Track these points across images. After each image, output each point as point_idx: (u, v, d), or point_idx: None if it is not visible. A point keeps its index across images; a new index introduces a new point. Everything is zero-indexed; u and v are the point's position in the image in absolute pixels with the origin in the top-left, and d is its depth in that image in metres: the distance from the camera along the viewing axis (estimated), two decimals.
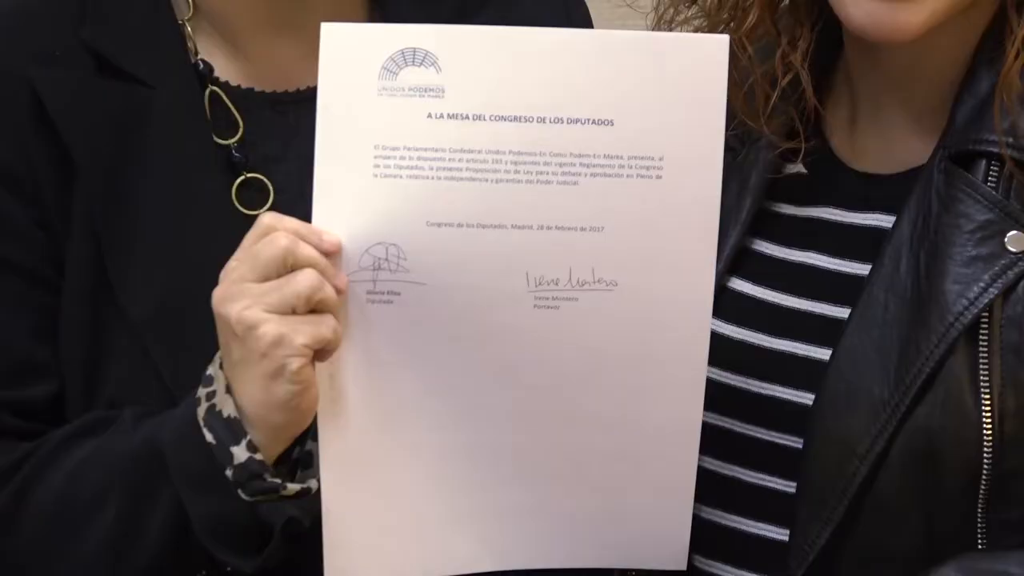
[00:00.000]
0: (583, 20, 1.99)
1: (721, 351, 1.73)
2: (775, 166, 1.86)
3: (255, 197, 1.80)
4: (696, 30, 1.84)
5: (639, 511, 1.73)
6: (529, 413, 1.68)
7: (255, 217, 1.64)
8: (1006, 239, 1.68)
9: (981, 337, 1.68)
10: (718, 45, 1.64)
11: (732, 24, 1.82)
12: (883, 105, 1.83)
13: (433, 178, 1.61)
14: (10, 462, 1.72)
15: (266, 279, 1.58)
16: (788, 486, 1.75)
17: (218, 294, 1.59)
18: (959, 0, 1.71)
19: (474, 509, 1.71)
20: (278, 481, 1.62)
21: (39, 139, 1.76)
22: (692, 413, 1.69)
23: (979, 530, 1.69)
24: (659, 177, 1.62)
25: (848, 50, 1.84)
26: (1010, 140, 1.69)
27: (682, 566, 1.76)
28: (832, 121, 1.87)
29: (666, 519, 1.73)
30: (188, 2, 1.84)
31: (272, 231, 1.58)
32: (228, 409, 1.60)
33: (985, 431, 1.67)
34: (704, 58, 1.63)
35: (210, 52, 1.85)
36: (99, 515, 1.68)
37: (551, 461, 1.71)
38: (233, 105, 1.83)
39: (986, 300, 1.67)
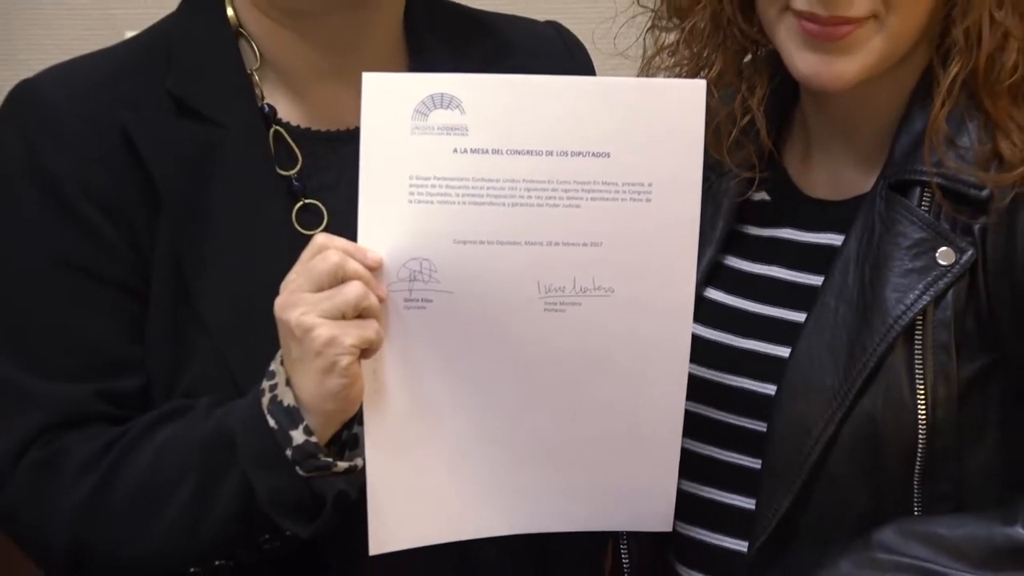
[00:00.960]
0: (586, 68, 2.00)
1: (699, 349, 1.73)
2: (742, 193, 1.88)
3: (311, 220, 1.80)
4: (676, 76, 1.86)
5: (632, 483, 1.75)
6: (539, 401, 1.70)
7: (310, 237, 1.64)
8: (937, 254, 1.70)
9: (916, 337, 1.70)
10: (696, 88, 1.66)
11: (701, 73, 1.84)
12: (832, 142, 1.85)
13: (459, 203, 1.62)
14: (103, 443, 1.72)
15: (320, 289, 1.59)
16: (754, 463, 1.78)
17: (280, 302, 1.61)
18: (889, 56, 1.74)
19: (492, 483, 1.72)
20: (330, 460, 1.63)
21: (130, 172, 1.76)
22: (676, 401, 1.71)
23: (915, 501, 1.72)
24: (648, 200, 1.64)
25: (802, 96, 1.86)
26: (939, 172, 1.71)
27: (668, 528, 1.78)
28: (790, 155, 1.89)
29: (655, 490, 1.75)
30: (256, 55, 1.84)
31: (325, 249, 1.60)
32: (288, 399, 1.62)
33: (920, 417, 1.70)
34: (685, 99, 1.65)
35: (274, 97, 1.85)
36: (178, 489, 1.68)
37: (557, 442, 1.72)
38: (293, 142, 1.83)
39: (920, 305, 1.70)
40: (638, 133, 1.64)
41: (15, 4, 2.68)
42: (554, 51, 1.99)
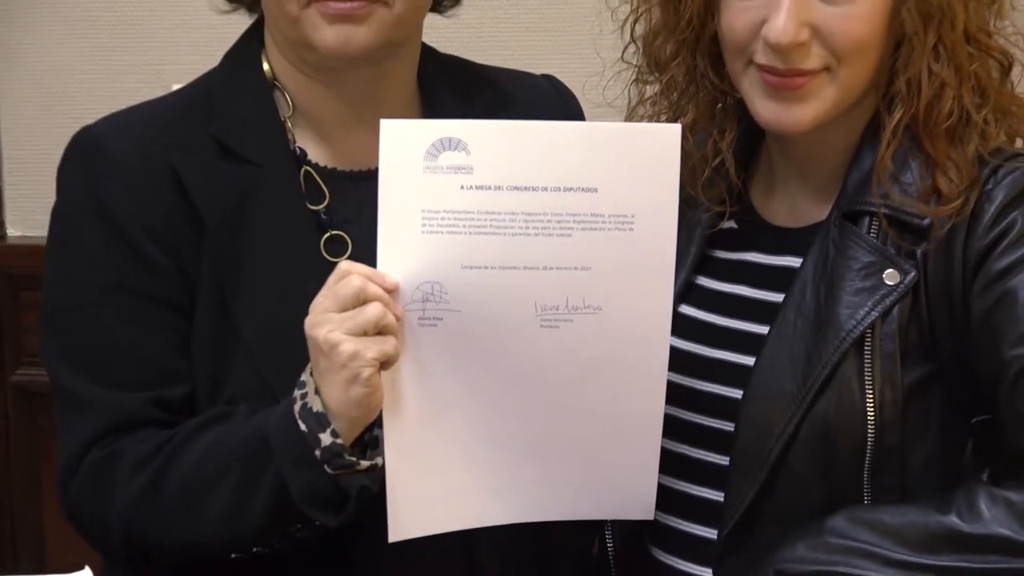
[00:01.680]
0: (577, 115, 2.00)
1: (674, 359, 1.74)
2: (713, 223, 1.88)
3: (337, 248, 1.81)
4: (656, 122, 1.86)
5: (618, 477, 1.76)
6: (536, 406, 1.70)
7: (336, 264, 1.65)
8: (884, 275, 1.72)
9: (866, 348, 1.72)
10: (673, 133, 1.66)
11: (678, 120, 1.83)
12: (792, 177, 1.86)
13: (466, 233, 1.63)
14: (155, 445, 1.73)
15: (344, 309, 1.60)
16: (723, 460, 1.79)
17: (309, 321, 1.62)
18: (840, 103, 1.75)
19: (496, 478, 1.73)
20: (353, 459, 1.64)
21: (179, 206, 1.78)
22: (656, 405, 1.72)
23: (865, 491, 1.73)
24: (631, 230, 1.65)
25: (767, 138, 1.87)
26: (885, 204, 1.73)
27: (650, 517, 1.79)
28: (755, 189, 1.90)
29: (638, 483, 1.76)
30: (288, 104, 1.85)
31: (349, 274, 1.61)
32: (316, 406, 1.63)
33: (869, 418, 1.71)
34: (663, 142, 1.66)
35: (304, 141, 1.85)
36: (221, 486, 1.69)
37: (552, 442, 1.73)
38: (321, 180, 1.84)
39: (869, 320, 1.71)
40: (622, 171, 1.65)
41: (77, 63, 2.70)
42: (549, 101, 1.99)
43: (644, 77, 1.89)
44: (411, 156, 1.62)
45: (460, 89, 1.92)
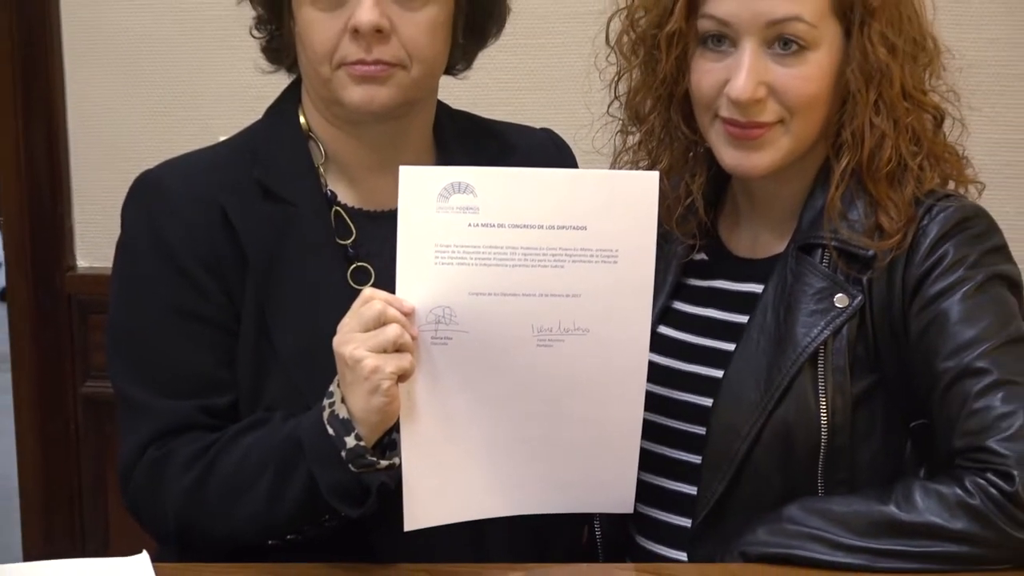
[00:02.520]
0: (570, 162, 2.01)
1: (654, 372, 1.75)
2: (686, 254, 1.88)
3: (361, 277, 1.81)
4: (637, 168, 1.87)
5: (602, 476, 1.76)
6: (532, 414, 1.70)
7: (360, 291, 1.66)
8: (835, 299, 1.73)
9: (819, 362, 1.73)
10: (651, 178, 1.67)
11: (656, 166, 1.84)
12: (754, 215, 1.86)
13: (473, 265, 1.63)
14: (202, 446, 1.74)
15: (367, 330, 1.61)
16: (695, 459, 1.79)
17: (336, 340, 1.63)
18: (794, 151, 1.76)
19: (497, 476, 1.73)
20: (374, 459, 1.65)
21: (226, 241, 1.78)
22: (636, 413, 1.73)
23: (819, 485, 1.74)
24: (615, 262, 1.65)
25: (732, 181, 1.88)
26: (835, 238, 1.74)
27: (629, 511, 1.79)
28: (723, 224, 1.90)
29: (620, 480, 1.76)
30: (321, 152, 1.85)
31: (371, 299, 1.62)
32: (343, 413, 1.64)
33: (822, 422, 1.72)
34: (643, 186, 1.66)
35: (335, 184, 1.85)
36: (260, 482, 1.70)
37: (546, 445, 1.72)
38: (349, 219, 1.84)
39: (822, 338, 1.73)
40: (608, 211, 1.65)
41: (137, 118, 2.71)
42: (546, 150, 1.99)
43: (627, 128, 1.89)
44: (426, 198, 1.62)
45: (469, 140, 1.92)
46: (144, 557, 1.68)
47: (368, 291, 1.65)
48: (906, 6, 1.78)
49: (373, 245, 1.82)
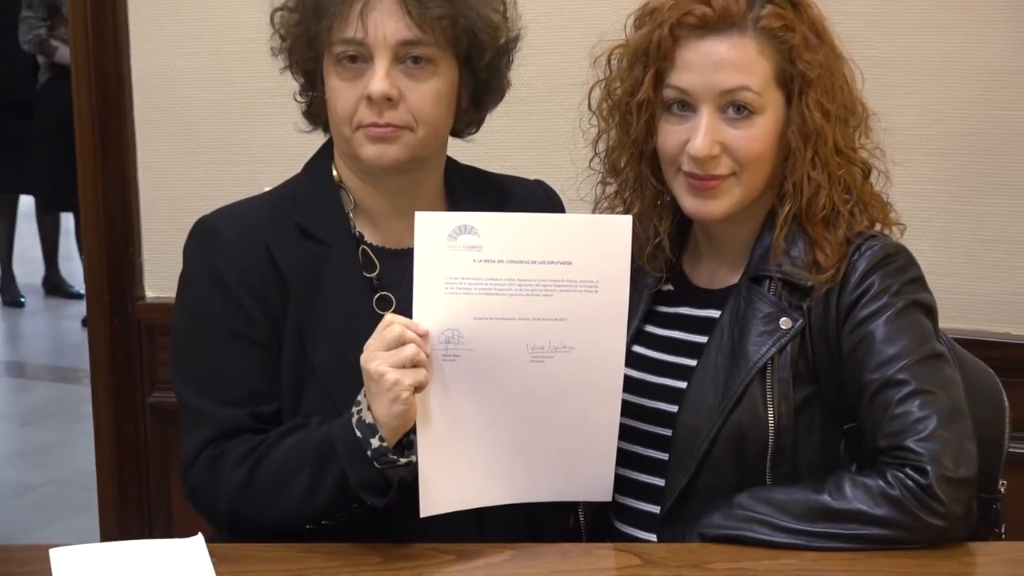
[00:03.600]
0: (559, 208, 2.00)
1: (628, 384, 1.75)
2: (656, 285, 1.89)
3: (384, 305, 1.80)
4: (614, 213, 1.87)
5: (585, 470, 1.76)
6: (526, 418, 1.71)
7: (383, 316, 1.66)
8: (780, 322, 1.75)
9: (767, 374, 1.74)
10: (626, 221, 1.67)
11: (630, 211, 1.85)
12: (713, 252, 1.87)
13: (476, 294, 1.64)
14: (251, 447, 1.74)
15: (389, 349, 1.62)
16: (663, 456, 1.79)
17: (363, 357, 1.63)
18: (745, 199, 1.77)
19: (497, 471, 1.73)
20: (395, 457, 1.65)
21: (271, 274, 1.79)
22: (613, 417, 1.73)
23: (767, 478, 1.75)
24: (596, 292, 1.66)
25: (694, 224, 1.88)
26: (780, 271, 1.75)
27: (608, 499, 1.79)
28: (686, 260, 1.90)
29: (600, 474, 1.76)
30: (351, 200, 1.85)
31: (392, 323, 1.62)
32: (368, 419, 1.64)
33: (770, 425, 1.74)
34: (618, 228, 1.67)
35: (362, 227, 1.85)
36: (300, 475, 1.70)
37: (537, 444, 1.73)
38: (374, 256, 1.84)
39: (769, 354, 1.74)
40: (589, 249, 1.66)
41: (195, 172, 2.72)
42: (538, 198, 1.99)
43: (605, 180, 1.89)
44: (437, 238, 1.63)
45: (475, 189, 1.92)
46: (199, 538, 1.68)
47: (390, 316, 1.65)
48: (838, 77, 1.78)
49: (394, 277, 1.82)
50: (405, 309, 1.67)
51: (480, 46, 1.80)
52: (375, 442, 1.65)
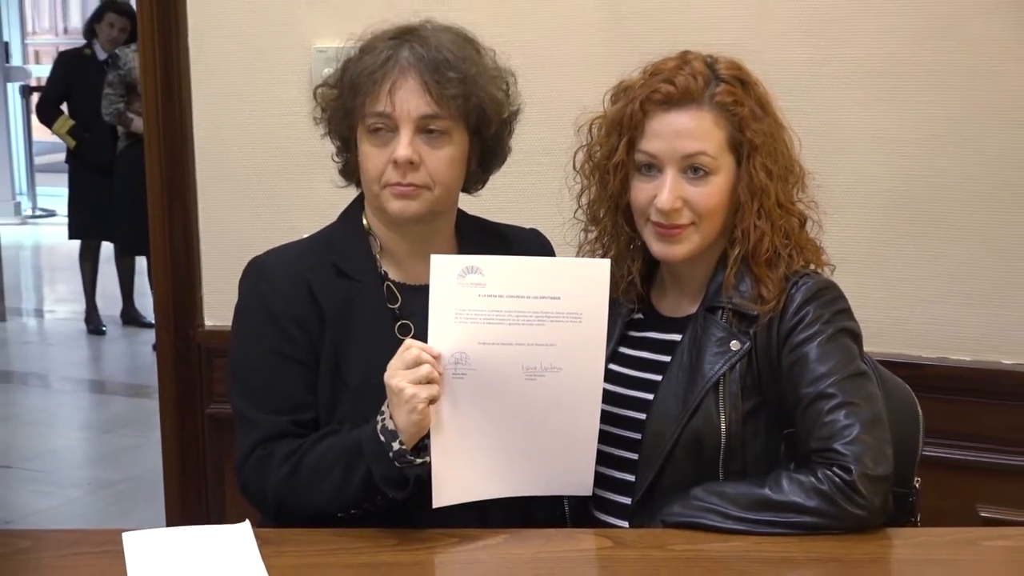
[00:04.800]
0: (550, 251, 1.99)
1: (606, 396, 1.72)
2: (629, 314, 1.88)
3: (405, 331, 1.80)
4: (595, 256, 1.87)
5: (569, 469, 1.75)
6: (521, 426, 1.70)
7: (403, 340, 1.67)
8: (730, 344, 1.75)
9: (720, 388, 1.74)
10: (605, 264, 1.68)
11: (608, 254, 1.85)
12: (675, 287, 1.87)
13: (481, 323, 1.64)
14: (293, 448, 1.74)
15: (408, 368, 1.62)
16: (634, 456, 1.79)
17: (386, 375, 1.64)
18: (702, 244, 1.77)
19: (496, 469, 1.72)
20: (412, 458, 1.66)
21: (311, 306, 1.79)
22: (594, 424, 1.72)
23: (720, 475, 1.74)
24: (580, 322, 1.65)
25: (661, 264, 1.87)
26: (731, 303, 1.76)
27: (589, 493, 1.78)
28: (654, 294, 1.90)
29: (582, 472, 1.75)
30: (378, 244, 1.85)
31: (411, 347, 1.63)
32: (390, 426, 1.65)
33: (722, 431, 1.74)
34: (599, 269, 1.67)
35: (387, 266, 1.85)
36: (333, 472, 1.70)
37: (531, 448, 1.72)
38: (396, 291, 1.83)
39: (721, 371, 1.74)
40: (575, 287, 1.65)
41: (246, 220, 2.72)
42: (533, 243, 1.98)
43: (587, 228, 1.89)
44: (449, 277, 1.63)
45: (480, 236, 1.91)
46: (247, 524, 1.68)
47: (409, 341, 1.66)
48: (780, 143, 1.79)
49: (413, 308, 1.81)
50: (422, 335, 1.67)
51: (487, 120, 1.80)
52: (396, 445, 1.65)
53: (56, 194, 9.05)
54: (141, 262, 6.57)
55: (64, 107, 6.51)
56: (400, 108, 1.73)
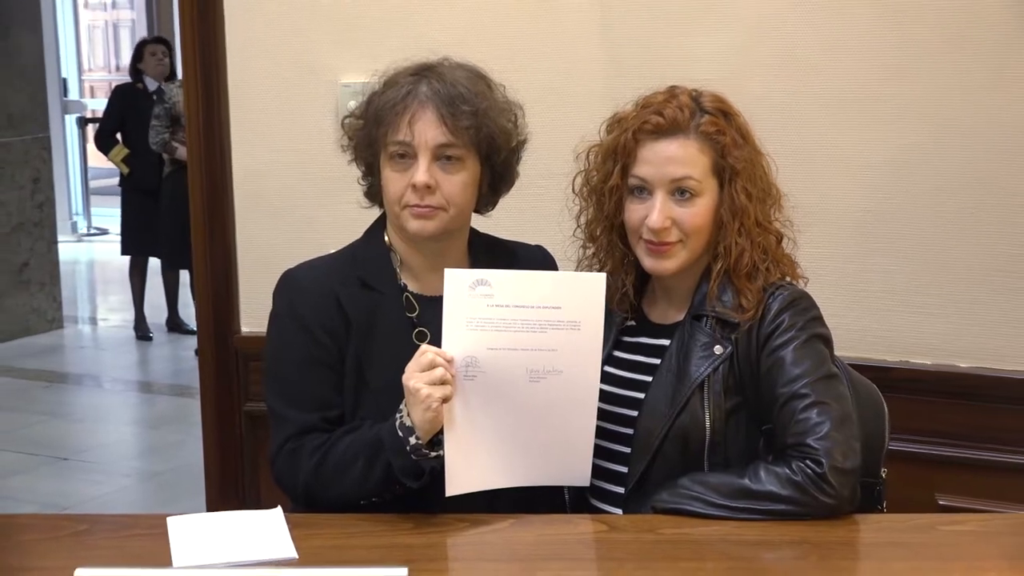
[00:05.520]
0: (553, 266, 1.98)
1: (602, 395, 1.73)
2: (623, 322, 1.87)
3: (422, 338, 1.79)
4: (593, 270, 1.86)
5: (568, 461, 1.74)
6: (525, 423, 1.70)
7: (419, 345, 1.68)
8: (714, 349, 1.74)
9: (705, 388, 1.73)
10: (601, 277, 1.69)
11: (604, 268, 1.84)
12: (664, 297, 1.86)
13: (490, 331, 1.64)
14: (321, 442, 1.73)
15: (423, 370, 1.63)
16: (627, 450, 1.78)
17: (404, 376, 1.65)
18: (689, 260, 1.77)
19: (503, 461, 1.71)
20: (428, 451, 1.66)
21: (338, 314, 1.79)
22: (591, 421, 1.72)
23: (705, 466, 1.74)
24: (579, 330, 1.66)
25: (652, 277, 1.86)
26: (714, 311, 1.75)
27: (587, 484, 1.78)
28: (645, 303, 1.88)
29: (581, 464, 1.75)
30: (398, 259, 1.84)
31: (427, 351, 1.64)
32: (408, 422, 1.65)
33: (706, 426, 1.73)
34: (596, 282, 1.68)
35: (406, 279, 1.84)
36: (356, 464, 1.70)
37: (535, 443, 1.71)
38: (414, 301, 1.83)
39: (706, 373, 1.73)
40: (574, 297, 1.65)
41: (277, 239, 2.71)
42: (538, 259, 1.97)
43: (586, 245, 1.89)
44: (461, 288, 1.64)
45: (490, 252, 1.91)
46: (278, 509, 1.68)
47: (424, 347, 1.66)
48: (758, 168, 1.79)
49: (429, 317, 1.81)
50: (436, 341, 1.67)
51: (497, 148, 1.80)
52: (413, 440, 1.65)
53: (109, 215, 9.08)
54: (184, 275, 6.59)
55: (119, 136, 6.55)
56: (419, 137, 1.73)
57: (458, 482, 1.69)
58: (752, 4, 2.43)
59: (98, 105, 8.05)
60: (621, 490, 1.78)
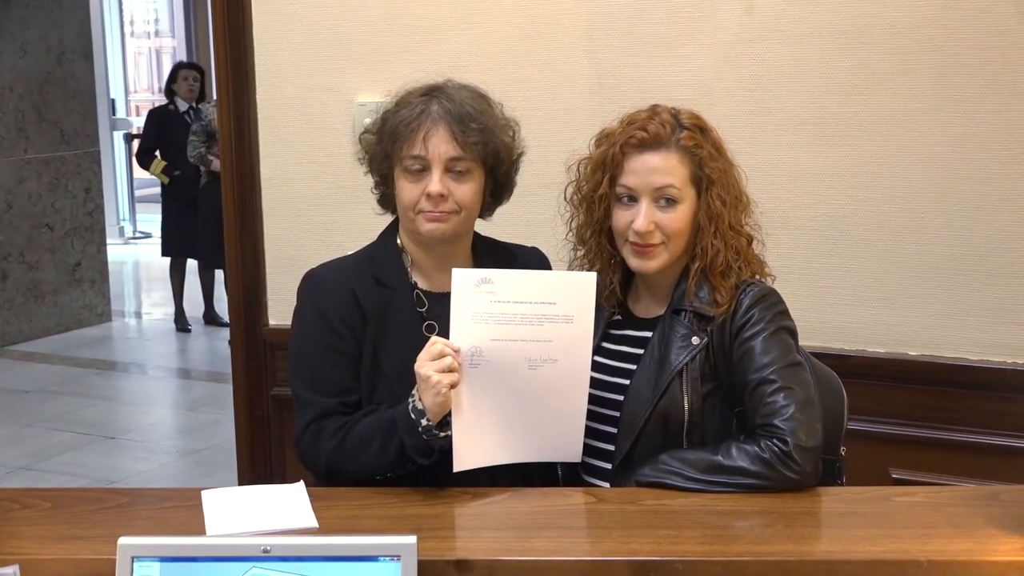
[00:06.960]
0: (547, 265, 1.96)
1: (591, 382, 1.71)
2: (610, 316, 1.85)
3: (431, 330, 1.77)
4: (583, 269, 1.84)
5: (562, 440, 1.73)
6: (524, 406, 1.68)
7: (429, 337, 1.67)
8: (692, 339, 1.73)
9: (684, 375, 1.72)
10: (591, 277, 1.68)
11: (593, 268, 1.82)
12: (647, 293, 1.84)
13: (492, 324, 1.63)
14: (341, 424, 1.72)
15: (433, 359, 1.62)
16: (613, 430, 1.76)
17: (416, 364, 1.63)
18: (671, 259, 1.75)
19: (504, 439, 1.70)
20: (437, 432, 1.65)
21: (356, 309, 1.78)
22: (582, 404, 1.71)
23: (684, 445, 1.72)
24: (572, 323, 1.64)
25: (636, 276, 1.84)
26: (692, 306, 1.74)
27: (578, 460, 1.76)
28: (630, 299, 1.86)
29: (573, 442, 1.74)
30: (410, 259, 1.83)
31: (436, 342, 1.63)
32: (419, 406, 1.64)
33: (685, 409, 1.72)
34: (587, 280, 1.67)
35: (417, 277, 1.83)
36: (373, 444, 1.69)
37: (532, 423, 1.70)
38: (424, 297, 1.82)
39: (684, 361, 1.72)
40: (567, 294, 1.64)
41: (301, 238, 2.69)
42: (534, 259, 1.95)
43: (576, 247, 1.87)
44: (467, 286, 1.63)
45: (492, 253, 1.90)
46: (301, 484, 1.66)
47: (434, 338, 1.66)
48: (731, 178, 1.78)
49: (438, 311, 1.80)
50: (445, 333, 1.66)
51: (500, 160, 1.80)
52: (424, 422, 1.65)
53: (152, 220, 9.11)
54: (219, 274, 6.61)
55: (157, 152, 6.60)
56: (433, 152, 1.73)
57: (464, 459, 1.67)
58: (723, 34, 2.44)
59: (142, 122, 8.05)
60: (608, 466, 1.77)
